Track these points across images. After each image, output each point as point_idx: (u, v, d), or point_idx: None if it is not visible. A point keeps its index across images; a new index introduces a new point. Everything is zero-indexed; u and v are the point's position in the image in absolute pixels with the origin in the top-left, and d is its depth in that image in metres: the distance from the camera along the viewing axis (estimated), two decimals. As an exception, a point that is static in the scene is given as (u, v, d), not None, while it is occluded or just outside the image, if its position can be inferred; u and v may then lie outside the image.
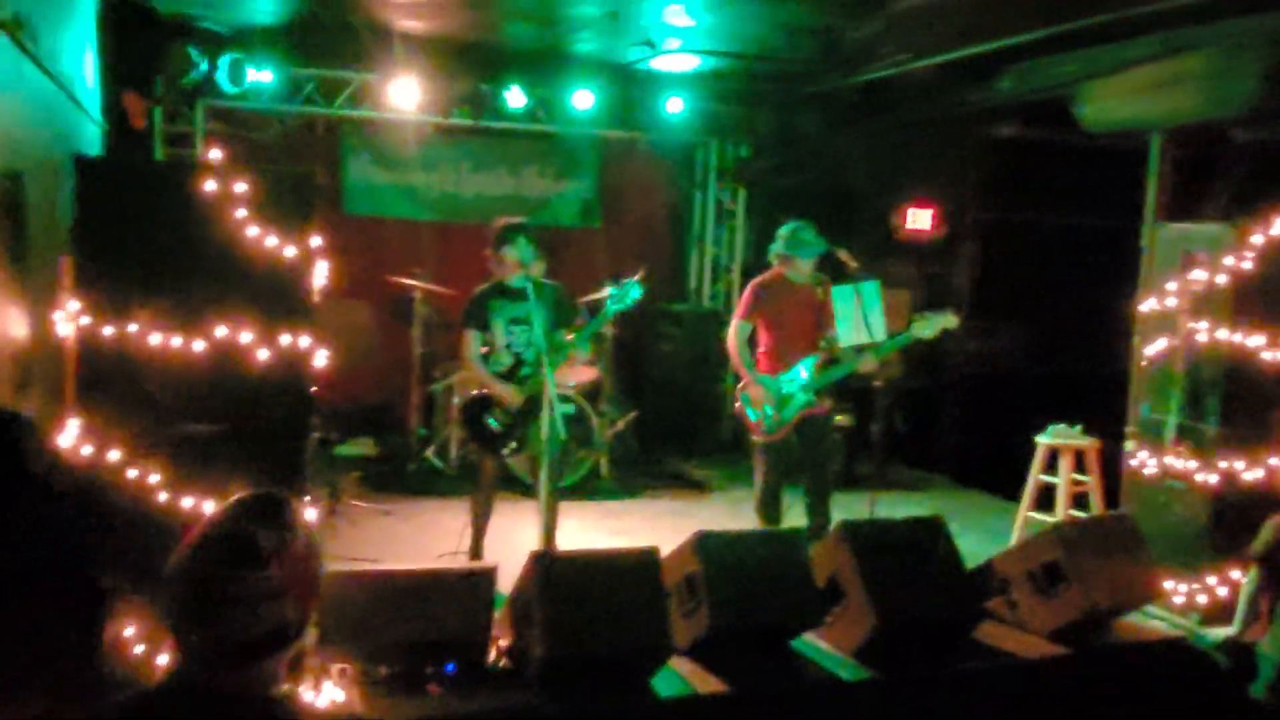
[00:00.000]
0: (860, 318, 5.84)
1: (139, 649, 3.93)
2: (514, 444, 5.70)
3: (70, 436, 3.96)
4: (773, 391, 5.95)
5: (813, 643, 4.85)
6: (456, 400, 7.65)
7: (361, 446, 8.72)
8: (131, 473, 3.94)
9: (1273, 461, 5.35)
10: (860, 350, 5.90)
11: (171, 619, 1.64)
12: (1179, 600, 5.43)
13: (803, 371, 5.94)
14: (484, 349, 5.83)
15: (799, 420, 5.95)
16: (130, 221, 4.05)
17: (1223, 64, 6.05)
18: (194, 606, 1.63)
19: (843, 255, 5.94)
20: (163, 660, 3.67)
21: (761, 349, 6.11)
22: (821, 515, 6.03)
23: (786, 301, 6.02)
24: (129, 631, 3.94)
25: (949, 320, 5.91)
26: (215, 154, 4.19)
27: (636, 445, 8.95)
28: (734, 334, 6.07)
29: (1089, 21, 6.23)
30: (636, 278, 5.73)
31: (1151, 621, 5.47)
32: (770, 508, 6.10)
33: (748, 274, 9.83)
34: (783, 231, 6.02)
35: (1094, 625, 5.13)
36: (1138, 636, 5.28)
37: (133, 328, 3.96)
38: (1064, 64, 7.15)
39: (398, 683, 4.16)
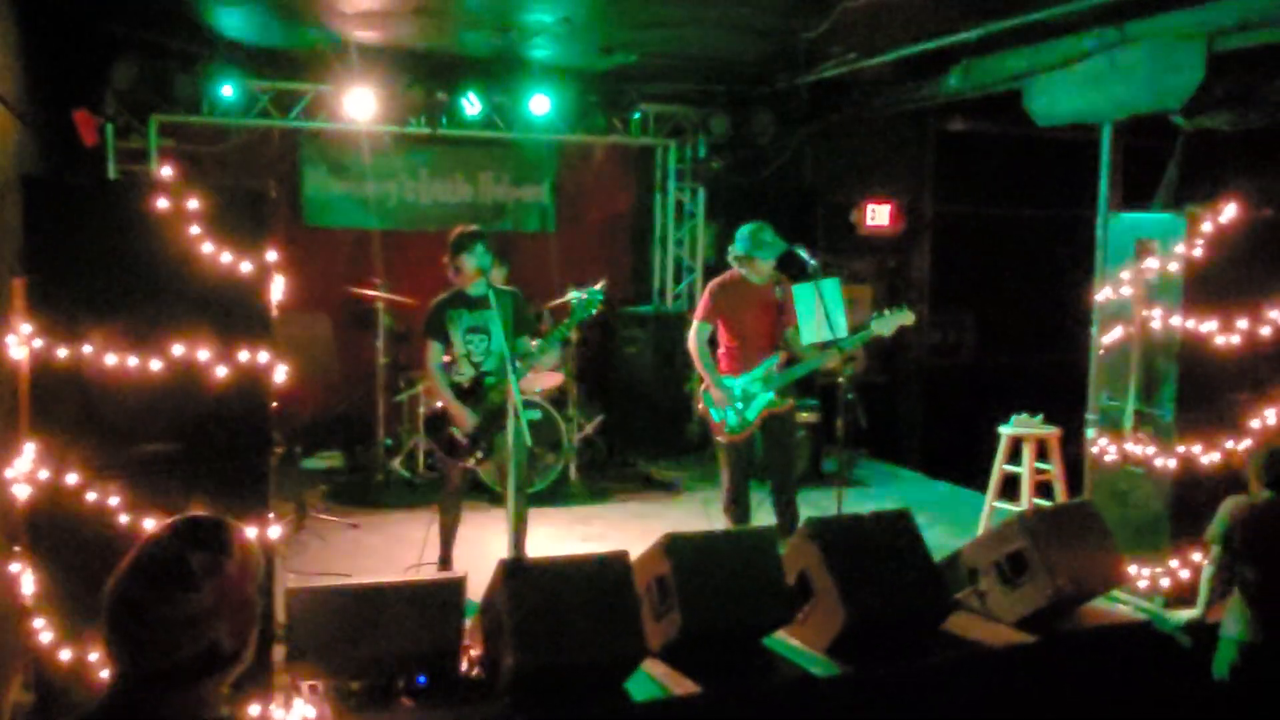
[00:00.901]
0: (822, 315, 5.87)
1: (104, 674, 3.89)
2: (479, 453, 5.69)
3: (26, 460, 3.91)
4: (735, 392, 5.97)
5: (785, 640, 4.87)
6: (422, 410, 7.61)
7: (328, 459, 8.66)
8: (90, 495, 3.89)
9: (1229, 445, 5.44)
10: (823, 348, 5.93)
11: (107, 641, 1.65)
12: (1143, 584, 5.51)
13: (767, 370, 5.97)
14: (446, 359, 5.82)
15: (763, 419, 5.98)
16: (82, 241, 3.98)
17: (1166, 56, 6.15)
18: (126, 628, 1.63)
19: (801, 252, 5.98)
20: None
21: (722, 349, 6.13)
22: (789, 513, 6.06)
23: (745, 302, 6.04)
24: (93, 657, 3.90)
25: (906, 317, 5.99)
26: (166, 170, 4.13)
27: (604, 449, 8.95)
28: (694, 335, 6.09)
29: (1034, 17, 6.32)
30: (598, 285, 5.75)
31: (1117, 606, 5.54)
32: (738, 507, 6.13)
33: (710, 274, 9.85)
34: (742, 233, 6.04)
35: (1060, 612, 5.19)
36: (1103, 621, 5.35)
37: (87, 349, 3.90)
38: (1012, 59, 7.23)
39: (369, 696, 4.14)
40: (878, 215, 10.49)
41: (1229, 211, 5.41)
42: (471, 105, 8.34)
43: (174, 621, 1.61)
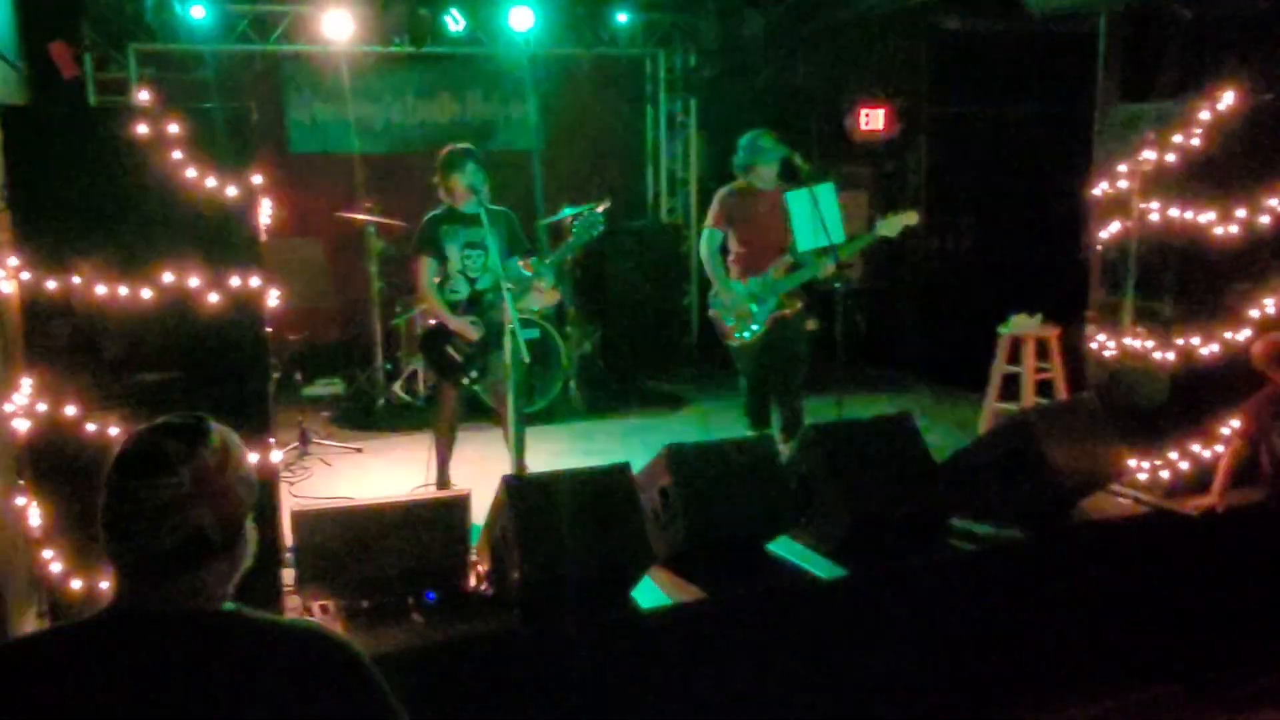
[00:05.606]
0: (818, 220, 5.83)
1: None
2: (475, 372, 5.67)
3: (24, 394, 3.90)
4: (743, 297, 5.98)
5: (789, 545, 4.92)
6: (419, 331, 7.60)
7: (328, 386, 8.67)
8: (90, 427, 3.89)
9: (1228, 336, 5.43)
10: (823, 253, 5.88)
11: (101, 537, 1.68)
12: (1143, 477, 5.54)
13: (772, 272, 5.98)
14: (436, 278, 5.75)
15: (771, 323, 6.00)
16: (64, 170, 3.91)
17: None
18: (108, 519, 1.67)
19: (796, 159, 5.95)
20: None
21: (732, 256, 6.16)
22: (792, 418, 6.10)
23: (754, 208, 6.05)
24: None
25: (910, 217, 5.97)
26: (144, 95, 4.04)
27: (603, 365, 8.95)
28: (705, 243, 6.16)
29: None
30: (600, 207, 5.73)
31: (1118, 499, 5.57)
32: (757, 411, 6.23)
33: (704, 185, 9.79)
34: (742, 142, 6.07)
35: (1062, 506, 5.23)
36: (1105, 515, 5.40)
37: (76, 280, 3.87)
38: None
39: (380, 614, 4.19)
40: (873, 119, 10.32)
41: (1227, 99, 5.32)
42: (455, 22, 8.17)
43: (153, 505, 1.64)
